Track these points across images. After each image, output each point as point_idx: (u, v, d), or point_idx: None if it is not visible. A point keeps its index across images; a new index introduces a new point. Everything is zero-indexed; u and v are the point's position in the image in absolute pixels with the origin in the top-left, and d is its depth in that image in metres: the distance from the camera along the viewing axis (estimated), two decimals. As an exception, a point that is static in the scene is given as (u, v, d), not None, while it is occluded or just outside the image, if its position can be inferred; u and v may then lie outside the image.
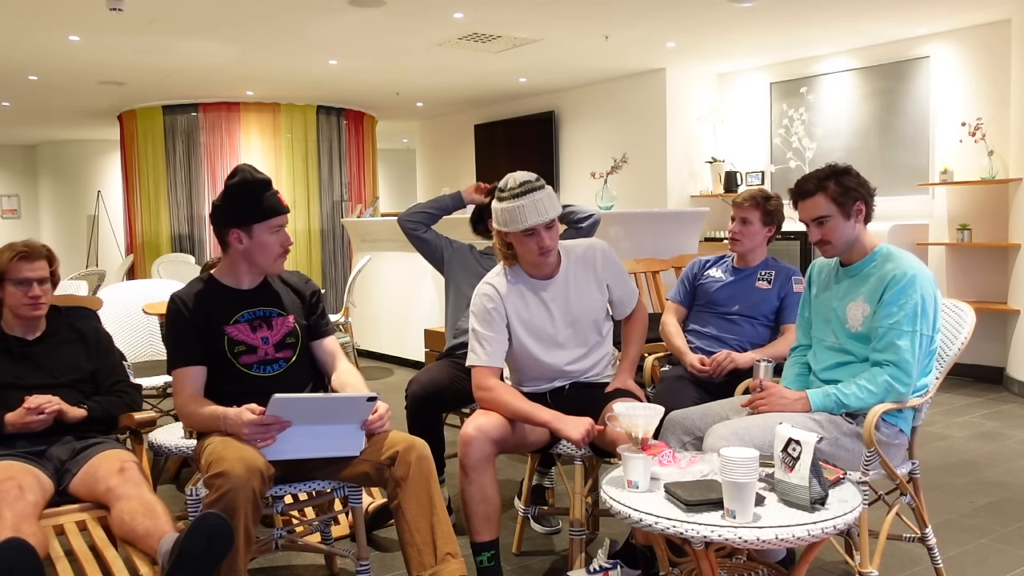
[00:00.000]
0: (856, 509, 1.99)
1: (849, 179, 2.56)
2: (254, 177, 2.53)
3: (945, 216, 6.43)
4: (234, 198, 2.52)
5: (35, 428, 2.55)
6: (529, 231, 2.63)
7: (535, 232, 2.63)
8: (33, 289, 2.67)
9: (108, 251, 13.36)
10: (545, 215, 2.61)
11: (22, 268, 2.67)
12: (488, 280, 2.78)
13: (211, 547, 2.06)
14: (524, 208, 2.60)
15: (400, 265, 7.14)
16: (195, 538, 2.05)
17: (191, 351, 2.50)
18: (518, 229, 2.62)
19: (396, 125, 11.66)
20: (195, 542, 2.05)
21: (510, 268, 2.77)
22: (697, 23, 6.28)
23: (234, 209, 2.52)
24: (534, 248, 2.65)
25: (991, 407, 5.39)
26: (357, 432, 2.43)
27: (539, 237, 2.63)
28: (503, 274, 2.78)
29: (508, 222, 2.63)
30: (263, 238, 2.52)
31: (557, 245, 2.73)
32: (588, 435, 2.50)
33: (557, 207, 2.66)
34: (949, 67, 6.47)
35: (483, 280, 2.80)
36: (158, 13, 5.72)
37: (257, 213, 2.50)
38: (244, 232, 2.51)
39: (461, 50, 6.97)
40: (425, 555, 2.32)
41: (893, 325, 2.43)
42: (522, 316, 2.73)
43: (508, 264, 2.78)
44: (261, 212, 2.50)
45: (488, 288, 2.74)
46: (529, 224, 2.60)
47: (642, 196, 8.06)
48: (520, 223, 2.61)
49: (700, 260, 3.52)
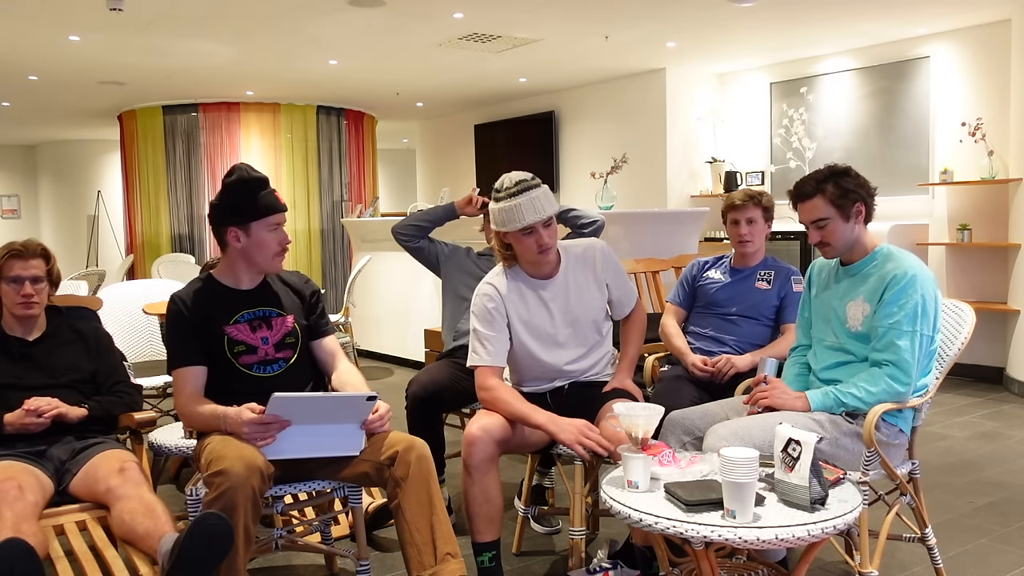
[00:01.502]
0: (856, 509, 1.99)
1: (848, 180, 2.55)
2: (251, 175, 2.52)
3: (945, 216, 6.43)
4: (231, 196, 2.52)
5: (32, 431, 2.54)
6: (527, 230, 2.63)
7: (533, 231, 2.63)
8: (25, 288, 2.66)
9: (108, 251, 13.35)
10: (543, 212, 2.61)
11: (14, 266, 2.67)
12: (488, 280, 2.78)
13: (211, 547, 2.06)
14: (521, 207, 2.60)
15: (400, 265, 7.14)
16: (195, 538, 2.05)
17: (191, 351, 2.50)
18: (516, 228, 2.62)
19: (396, 125, 11.66)
20: (195, 542, 2.05)
21: (510, 268, 2.77)
22: (697, 23, 6.28)
23: (231, 207, 2.52)
24: (533, 247, 2.65)
25: (991, 407, 5.39)
26: (357, 432, 2.43)
27: (538, 235, 2.63)
28: (503, 274, 2.78)
29: (506, 222, 2.63)
30: (261, 236, 2.51)
31: (556, 244, 2.73)
32: (582, 439, 2.47)
33: (554, 205, 2.66)
34: (949, 67, 6.47)
35: (483, 280, 2.80)
36: (158, 13, 5.72)
37: (254, 211, 2.50)
38: (242, 230, 2.51)
39: (461, 50, 6.97)
40: (425, 555, 2.32)
41: (893, 325, 2.43)
42: (522, 316, 2.73)
43: (507, 265, 2.78)
44: (258, 210, 2.50)
45: (488, 288, 2.75)
46: (527, 222, 2.60)
47: (642, 196, 8.06)
48: (518, 222, 2.60)
49: (699, 261, 3.52)
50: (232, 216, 2.51)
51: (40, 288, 2.70)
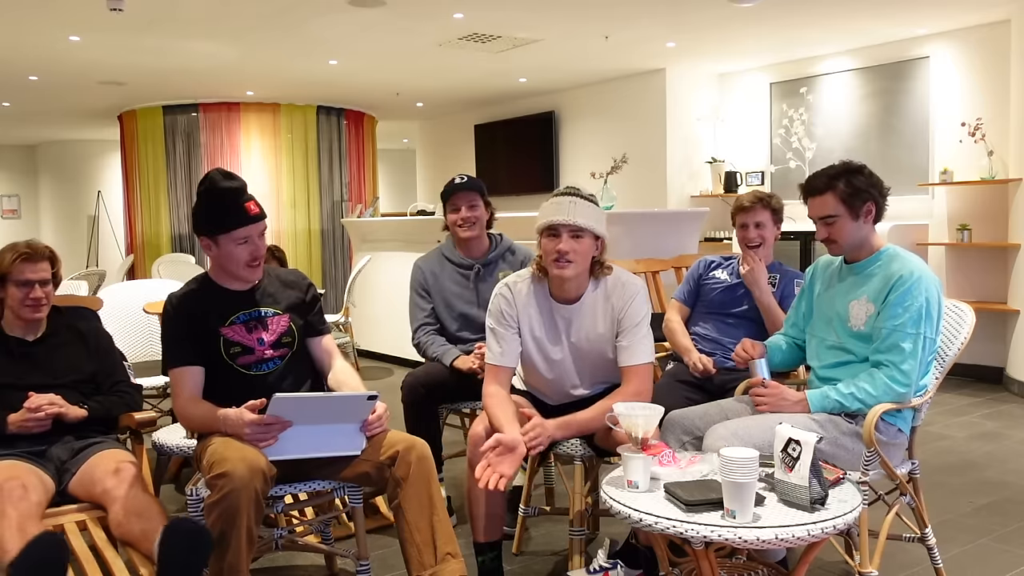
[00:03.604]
0: (856, 509, 2.00)
1: (860, 179, 2.54)
2: (218, 185, 2.47)
3: (945, 216, 6.43)
4: (200, 206, 2.50)
5: (33, 430, 2.54)
6: (552, 230, 2.55)
7: (557, 234, 2.54)
8: (35, 291, 2.66)
9: (108, 251, 13.35)
10: (571, 217, 2.52)
11: (24, 270, 2.65)
12: (508, 282, 2.71)
13: (190, 549, 2.08)
14: (557, 205, 2.55)
15: (400, 265, 7.13)
16: (171, 545, 2.08)
17: (187, 351, 2.50)
18: (542, 223, 2.57)
19: (396, 125, 11.66)
20: (172, 548, 2.08)
21: (537, 282, 2.68)
22: (697, 23, 6.28)
23: (199, 217, 2.51)
24: (551, 251, 2.55)
25: (991, 407, 5.39)
26: (358, 431, 2.43)
27: (559, 241, 2.53)
28: (528, 281, 2.69)
29: (540, 216, 2.59)
30: (228, 248, 2.49)
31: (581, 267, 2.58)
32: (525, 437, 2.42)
33: (593, 221, 2.55)
34: (949, 67, 6.47)
35: (505, 280, 2.73)
36: (158, 13, 5.72)
37: (219, 224, 2.47)
38: (212, 241, 2.50)
39: (461, 50, 6.97)
40: (425, 555, 2.32)
41: (897, 327, 2.42)
42: (534, 332, 2.68)
43: (536, 277, 2.68)
44: (223, 223, 2.47)
45: (506, 290, 2.69)
46: (552, 220, 2.54)
47: (642, 196, 8.06)
48: (545, 217, 2.57)
49: (706, 260, 3.50)
50: (199, 226, 2.51)
51: (48, 291, 2.71)
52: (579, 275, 2.60)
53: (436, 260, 3.56)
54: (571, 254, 2.53)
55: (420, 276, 3.55)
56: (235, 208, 2.47)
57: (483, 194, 3.49)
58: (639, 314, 2.62)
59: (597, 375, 2.72)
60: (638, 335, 2.61)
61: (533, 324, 2.68)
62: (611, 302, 2.64)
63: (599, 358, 2.67)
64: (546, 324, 2.68)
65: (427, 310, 3.52)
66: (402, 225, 7.34)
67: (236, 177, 2.52)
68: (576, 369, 2.71)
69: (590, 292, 2.65)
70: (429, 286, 3.52)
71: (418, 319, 3.52)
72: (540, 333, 2.68)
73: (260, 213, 2.51)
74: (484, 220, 3.49)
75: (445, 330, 3.49)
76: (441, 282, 3.51)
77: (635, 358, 2.60)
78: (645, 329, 2.63)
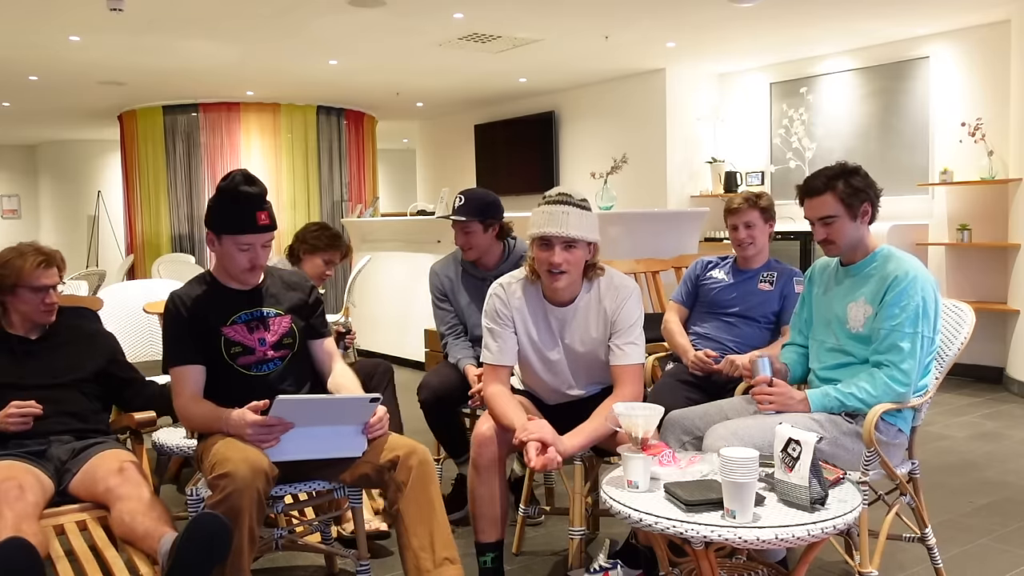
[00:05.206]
0: (856, 509, 2.00)
1: (858, 179, 2.54)
2: (237, 188, 2.47)
3: (945, 216, 6.43)
4: (215, 202, 2.51)
5: (10, 428, 2.54)
6: (544, 242, 2.53)
7: (550, 246, 2.52)
8: (50, 296, 2.71)
9: (108, 251, 13.35)
10: (564, 229, 2.49)
11: (42, 275, 2.70)
12: (503, 282, 2.72)
13: (210, 547, 2.06)
14: (550, 215, 2.52)
15: (400, 265, 7.14)
16: (193, 539, 2.06)
17: (188, 350, 2.50)
18: (534, 233, 2.54)
19: (396, 125, 11.66)
20: (193, 543, 2.05)
21: (531, 283, 2.68)
22: (697, 23, 6.28)
23: (212, 212, 2.51)
24: (544, 263, 2.54)
25: (991, 407, 5.39)
26: (359, 433, 2.43)
27: (552, 253, 2.51)
28: (522, 282, 2.69)
29: (531, 225, 2.56)
30: (229, 249, 2.50)
31: (575, 274, 2.58)
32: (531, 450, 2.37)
33: (586, 232, 2.52)
34: (949, 67, 6.47)
35: (499, 280, 2.73)
36: (158, 13, 5.72)
37: (226, 225, 2.48)
38: (216, 237, 2.51)
39: (461, 50, 6.97)
40: (423, 560, 2.32)
41: (895, 327, 2.43)
42: (529, 332, 2.68)
43: (530, 279, 2.67)
44: (229, 225, 2.47)
45: (500, 290, 2.69)
46: (543, 232, 2.51)
47: (642, 196, 8.06)
48: (536, 228, 2.54)
49: (703, 260, 3.51)
50: (209, 220, 2.52)
51: (58, 293, 2.76)
52: (572, 282, 2.61)
53: (451, 265, 3.57)
54: (564, 265, 2.53)
55: (436, 281, 3.55)
56: (246, 214, 2.47)
57: (482, 216, 3.36)
58: (632, 316, 2.63)
59: (592, 376, 2.73)
60: (631, 337, 2.62)
61: (528, 325, 2.68)
62: (604, 305, 2.64)
63: (594, 360, 2.69)
64: (541, 326, 2.68)
65: (449, 316, 3.51)
66: (402, 225, 7.35)
67: (258, 183, 2.51)
68: (571, 370, 2.72)
69: (583, 294, 2.66)
70: (446, 290, 3.53)
71: (443, 329, 3.52)
72: (536, 335, 2.68)
73: (269, 224, 2.50)
74: (484, 243, 3.41)
75: (470, 332, 3.49)
76: (457, 287, 3.51)
77: (628, 359, 2.61)
78: (638, 331, 2.64)
